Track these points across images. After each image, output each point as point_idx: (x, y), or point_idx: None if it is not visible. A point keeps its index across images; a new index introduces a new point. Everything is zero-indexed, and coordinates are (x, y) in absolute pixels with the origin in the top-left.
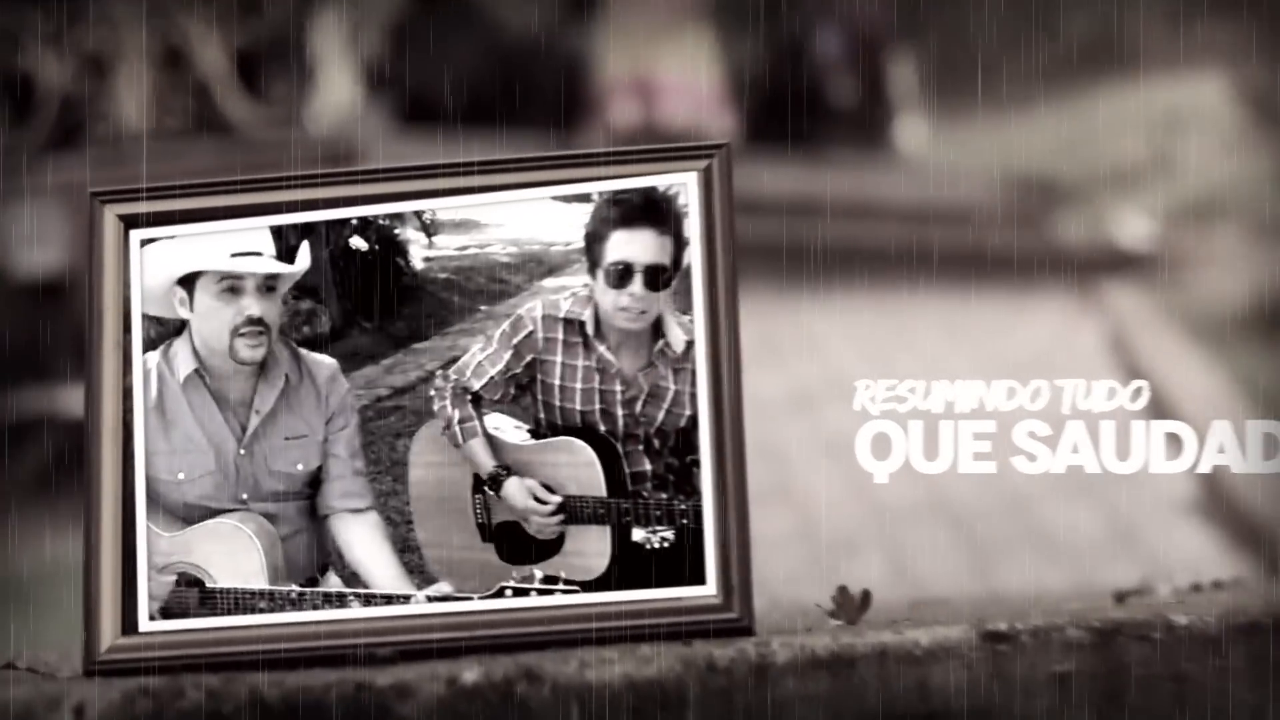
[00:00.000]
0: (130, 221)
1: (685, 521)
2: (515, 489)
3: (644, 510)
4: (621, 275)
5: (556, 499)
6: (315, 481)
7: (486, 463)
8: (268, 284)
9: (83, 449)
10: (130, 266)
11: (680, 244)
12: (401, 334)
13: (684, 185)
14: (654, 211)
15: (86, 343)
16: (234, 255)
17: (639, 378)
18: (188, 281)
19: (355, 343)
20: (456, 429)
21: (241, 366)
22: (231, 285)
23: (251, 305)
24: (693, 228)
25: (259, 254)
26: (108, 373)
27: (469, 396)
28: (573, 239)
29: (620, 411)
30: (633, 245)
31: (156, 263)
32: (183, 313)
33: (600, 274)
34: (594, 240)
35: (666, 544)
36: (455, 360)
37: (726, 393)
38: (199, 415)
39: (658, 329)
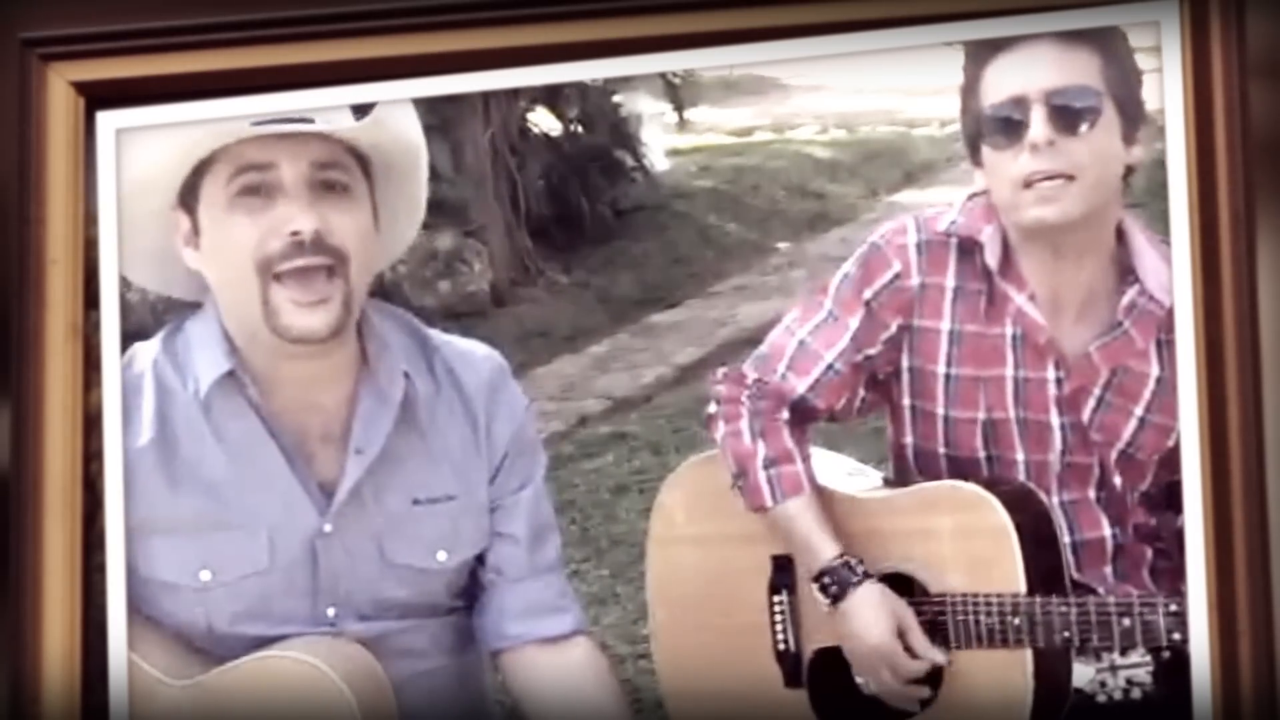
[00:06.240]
0: (94, 94)
1: (1175, 643)
2: (872, 606)
3: (1097, 621)
4: (1009, 124)
5: (938, 656)
6: (472, 586)
7: (822, 546)
8: (326, 177)
9: (7, 528)
10: (98, 176)
11: (1128, 79)
12: (627, 294)
13: (1154, 26)
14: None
15: (11, 328)
16: (256, 124)
17: (1092, 355)
18: (192, 195)
19: (538, 312)
20: (761, 477)
21: (301, 349)
22: (254, 182)
23: (298, 214)
24: (1169, 99)
25: (308, 120)
26: (55, 383)
27: (785, 411)
28: (954, 113)
29: (1055, 421)
30: (1022, 68)
31: (143, 162)
32: (190, 258)
33: (985, 149)
34: (969, 96)
35: (1140, 692)
36: (735, 346)
37: (1236, 390)
38: (240, 459)
39: (1125, 269)
